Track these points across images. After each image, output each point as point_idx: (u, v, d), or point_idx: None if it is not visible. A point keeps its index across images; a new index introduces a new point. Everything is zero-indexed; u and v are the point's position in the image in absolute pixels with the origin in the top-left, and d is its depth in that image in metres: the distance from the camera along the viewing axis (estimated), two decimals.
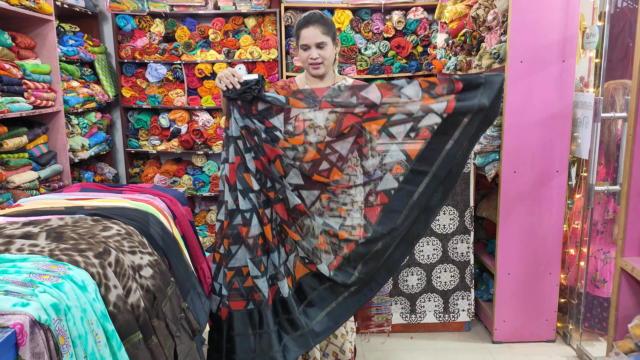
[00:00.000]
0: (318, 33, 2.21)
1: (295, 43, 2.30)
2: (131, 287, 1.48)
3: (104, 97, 4.48)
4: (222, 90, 2.05)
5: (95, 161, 4.64)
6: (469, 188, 2.96)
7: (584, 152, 2.71)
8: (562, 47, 2.67)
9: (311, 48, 2.22)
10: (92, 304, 1.29)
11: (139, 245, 1.64)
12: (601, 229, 2.90)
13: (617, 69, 3.02)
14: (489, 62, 2.93)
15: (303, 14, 2.28)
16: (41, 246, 1.43)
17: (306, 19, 2.23)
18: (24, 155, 3.24)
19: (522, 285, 2.96)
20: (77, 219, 1.69)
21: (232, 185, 2.09)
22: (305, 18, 2.24)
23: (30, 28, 3.46)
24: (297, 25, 2.25)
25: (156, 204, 2.02)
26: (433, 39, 4.49)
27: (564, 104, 2.74)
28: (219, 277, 2.16)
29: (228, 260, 2.11)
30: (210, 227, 4.79)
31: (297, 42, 2.28)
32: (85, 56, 4.21)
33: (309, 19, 2.22)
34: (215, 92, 4.60)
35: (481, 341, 3.07)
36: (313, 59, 2.23)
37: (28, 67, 3.26)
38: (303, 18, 2.24)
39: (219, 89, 2.06)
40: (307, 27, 2.21)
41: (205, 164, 4.80)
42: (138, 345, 1.43)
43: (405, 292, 3.08)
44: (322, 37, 2.22)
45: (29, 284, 1.21)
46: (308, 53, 2.23)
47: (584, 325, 2.94)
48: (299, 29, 2.24)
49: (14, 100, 3.04)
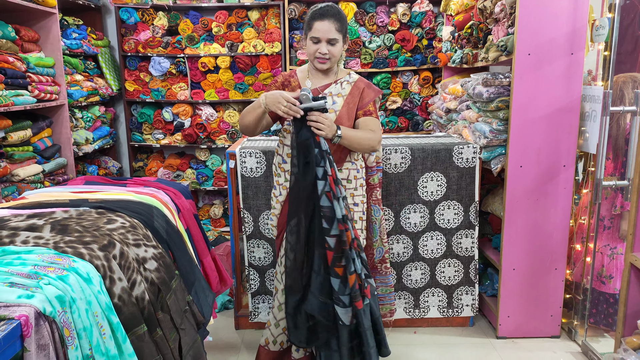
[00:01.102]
0: (332, 29, 2.14)
1: (304, 32, 2.23)
2: (136, 280, 1.47)
3: (108, 91, 4.47)
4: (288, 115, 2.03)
5: (99, 155, 4.64)
6: (474, 182, 2.94)
7: (591, 147, 2.68)
8: (570, 40, 2.64)
9: (322, 42, 2.16)
10: (97, 296, 1.28)
11: (144, 238, 1.63)
12: (608, 224, 2.88)
13: (627, 62, 2.98)
14: (496, 54, 2.90)
15: (319, 4, 2.19)
16: (46, 238, 1.43)
17: (323, 10, 2.14)
18: (28, 148, 3.24)
19: (527, 280, 2.94)
20: (82, 211, 1.68)
21: (335, 194, 2.04)
22: (322, 10, 2.15)
23: (34, 21, 3.45)
24: (312, 15, 2.16)
25: (160, 197, 2.02)
26: (438, 31, 4.45)
27: (571, 98, 2.72)
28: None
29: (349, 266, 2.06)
30: (214, 221, 4.78)
31: (306, 32, 2.21)
32: (88, 49, 4.20)
33: (326, 11, 2.14)
34: (218, 86, 4.59)
35: (485, 336, 3.05)
36: (322, 54, 2.18)
37: (32, 60, 3.25)
38: (320, 9, 2.15)
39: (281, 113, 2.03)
40: (322, 20, 2.13)
41: (209, 158, 4.79)
42: (143, 338, 1.42)
43: (409, 287, 3.07)
44: (335, 33, 2.16)
45: (33, 276, 1.21)
46: (317, 47, 2.17)
47: (590, 321, 2.93)
48: (313, 20, 2.15)
49: (18, 94, 3.04)
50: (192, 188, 4.75)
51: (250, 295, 3.03)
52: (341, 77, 2.32)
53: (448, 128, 3.68)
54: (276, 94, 2.03)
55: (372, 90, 2.32)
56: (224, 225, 4.75)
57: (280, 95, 2.02)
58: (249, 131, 2.26)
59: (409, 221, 2.97)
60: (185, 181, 4.71)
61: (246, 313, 3.12)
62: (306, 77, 2.33)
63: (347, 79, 2.31)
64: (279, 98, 2.02)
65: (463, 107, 3.34)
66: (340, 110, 2.25)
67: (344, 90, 2.29)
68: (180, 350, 1.62)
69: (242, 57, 4.52)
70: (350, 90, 2.29)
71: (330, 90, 2.29)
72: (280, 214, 2.39)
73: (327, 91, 2.29)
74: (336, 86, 2.30)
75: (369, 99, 2.29)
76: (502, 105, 2.80)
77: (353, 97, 2.28)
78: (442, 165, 2.91)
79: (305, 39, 2.23)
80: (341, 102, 2.27)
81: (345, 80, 2.31)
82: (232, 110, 4.67)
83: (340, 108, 2.26)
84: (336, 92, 2.29)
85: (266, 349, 2.47)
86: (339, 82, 2.31)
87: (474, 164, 2.92)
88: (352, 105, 2.28)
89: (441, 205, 2.96)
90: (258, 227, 2.96)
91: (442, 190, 2.94)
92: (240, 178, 2.90)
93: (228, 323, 3.20)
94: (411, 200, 2.95)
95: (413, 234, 2.99)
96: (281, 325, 2.41)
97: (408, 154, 2.89)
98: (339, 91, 2.29)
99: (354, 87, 2.30)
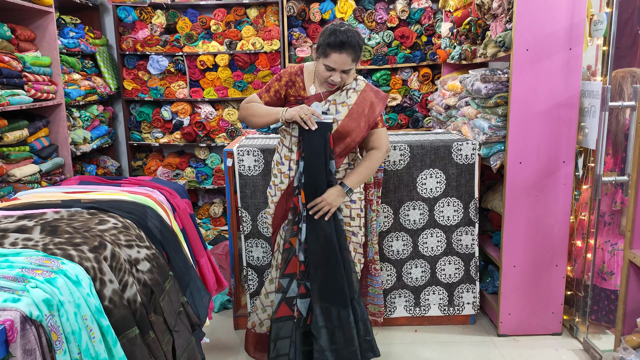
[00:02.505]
0: (348, 61, 2.11)
1: (318, 52, 2.16)
2: (127, 282, 1.45)
3: (106, 90, 4.46)
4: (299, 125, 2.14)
5: (97, 154, 4.63)
6: (473, 179, 2.92)
7: (591, 142, 2.65)
8: (569, 35, 2.61)
9: (336, 71, 2.14)
10: (87, 299, 1.26)
11: (136, 239, 1.61)
12: (608, 220, 2.85)
13: (625, 57, 2.95)
14: (494, 50, 2.87)
15: (338, 28, 2.10)
16: (35, 240, 1.41)
17: (341, 42, 2.06)
18: (24, 148, 3.23)
19: (527, 277, 2.92)
20: (73, 212, 1.66)
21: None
22: (340, 41, 2.06)
23: (30, 20, 3.44)
24: (329, 42, 2.08)
25: (155, 196, 2.00)
26: (437, 28, 4.42)
27: (570, 93, 2.69)
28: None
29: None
30: (214, 220, 4.77)
31: (320, 54, 2.15)
32: (86, 48, 4.19)
33: (344, 43, 2.06)
34: (217, 84, 4.57)
35: (486, 334, 3.03)
36: (334, 82, 2.17)
37: (28, 59, 3.24)
38: (337, 39, 2.07)
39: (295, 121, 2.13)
40: (340, 52, 2.08)
41: (208, 157, 4.78)
42: (135, 341, 1.40)
43: (410, 285, 3.05)
44: (351, 64, 2.13)
45: (20, 279, 1.19)
46: (330, 74, 2.15)
47: (591, 318, 2.90)
48: (331, 49, 2.08)
49: (14, 93, 3.02)
50: (191, 187, 4.73)
51: (248, 296, 3.02)
52: (347, 84, 2.28)
53: (447, 125, 3.65)
54: (302, 105, 2.16)
55: (380, 100, 2.29)
56: (224, 224, 4.74)
57: (305, 106, 2.15)
58: (252, 127, 2.33)
59: (408, 218, 2.95)
60: (185, 180, 4.70)
61: (245, 313, 3.10)
62: (312, 80, 2.29)
63: (353, 86, 2.27)
64: (303, 107, 2.12)
65: (462, 103, 3.31)
66: (342, 120, 2.22)
67: (350, 99, 2.25)
68: (174, 352, 1.61)
69: (241, 55, 4.50)
70: (356, 99, 2.24)
71: (335, 98, 2.26)
72: (274, 214, 2.39)
73: (332, 99, 2.26)
74: (341, 94, 2.26)
75: (378, 111, 2.27)
76: (500, 102, 2.77)
77: (359, 107, 2.24)
78: (441, 162, 2.89)
79: (318, 58, 2.17)
80: (345, 111, 2.23)
81: (352, 87, 2.27)
82: (231, 109, 4.65)
83: (342, 117, 2.23)
84: (341, 101, 2.25)
85: (253, 332, 2.58)
86: (345, 89, 2.27)
87: (473, 160, 2.90)
88: (357, 115, 2.23)
89: (441, 202, 2.94)
90: (256, 226, 2.94)
91: (441, 187, 2.92)
92: (238, 177, 2.88)
93: (227, 323, 3.19)
94: (410, 197, 2.92)
95: (412, 231, 2.97)
96: (267, 312, 2.52)
97: (407, 150, 2.86)
98: (344, 100, 2.25)
99: (360, 96, 2.25)
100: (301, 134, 2.16)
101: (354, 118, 2.23)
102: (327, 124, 2.14)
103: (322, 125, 2.13)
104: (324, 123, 2.14)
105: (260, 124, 2.25)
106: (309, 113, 2.10)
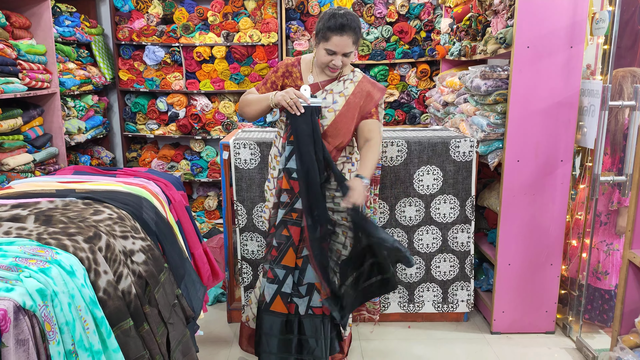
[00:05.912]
0: (349, 43, 2.10)
1: (318, 38, 2.15)
2: (122, 273, 1.43)
3: (101, 80, 4.41)
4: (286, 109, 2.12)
5: (92, 145, 4.59)
6: (470, 177, 2.91)
7: (589, 142, 2.65)
8: (570, 33, 2.60)
9: (337, 55, 2.13)
10: (81, 290, 1.24)
11: (131, 230, 1.59)
12: (605, 220, 2.85)
13: (626, 57, 2.94)
14: (495, 47, 2.86)
15: (337, 12, 2.10)
16: (29, 229, 1.39)
17: (341, 24, 2.06)
18: (18, 137, 3.19)
19: (522, 276, 2.92)
20: (68, 202, 1.64)
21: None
22: (340, 23, 2.06)
23: (25, 7, 3.39)
24: (330, 26, 2.07)
25: (150, 188, 1.97)
26: (437, 23, 4.40)
27: (570, 92, 2.68)
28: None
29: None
30: (208, 212, 4.74)
31: (320, 39, 2.13)
32: (81, 37, 4.14)
33: (344, 25, 2.06)
34: (214, 76, 4.53)
35: (479, 332, 3.03)
36: (336, 66, 2.16)
37: (23, 47, 3.19)
38: (337, 21, 2.06)
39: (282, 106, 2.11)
40: (341, 35, 2.07)
41: (204, 149, 4.74)
42: (129, 332, 1.39)
43: (404, 281, 3.04)
44: (352, 47, 2.12)
45: (14, 268, 1.17)
46: (331, 58, 2.14)
47: (584, 317, 2.91)
48: (331, 32, 2.07)
49: (8, 81, 2.98)
50: (186, 179, 4.70)
51: (242, 289, 3.00)
52: (344, 75, 2.27)
53: (445, 121, 3.64)
54: (288, 89, 2.12)
55: (377, 91, 2.27)
56: (219, 217, 4.71)
57: (292, 89, 2.11)
58: (248, 119, 2.30)
59: (404, 215, 2.94)
60: (180, 172, 4.66)
61: (239, 306, 3.09)
62: (309, 70, 2.28)
63: (350, 77, 2.26)
64: (289, 91, 2.09)
65: (461, 100, 3.30)
66: (340, 110, 2.21)
67: (347, 89, 2.24)
68: (168, 345, 1.59)
69: (238, 47, 4.46)
70: (353, 90, 2.23)
71: (332, 87, 2.25)
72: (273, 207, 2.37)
73: (329, 88, 2.25)
74: (339, 84, 2.25)
75: (375, 102, 2.25)
76: (500, 99, 2.76)
77: (356, 98, 2.22)
78: (438, 159, 2.88)
79: (318, 44, 2.16)
80: (342, 101, 2.22)
81: (349, 78, 2.26)
82: (227, 101, 4.62)
83: (340, 108, 2.21)
84: (338, 91, 2.24)
85: (247, 325, 2.57)
86: (342, 80, 2.26)
87: (470, 157, 2.89)
88: (354, 106, 2.22)
89: (437, 199, 2.93)
90: (252, 220, 2.92)
91: (438, 184, 2.91)
92: (234, 170, 2.86)
93: (221, 316, 3.17)
94: (407, 193, 2.91)
95: (408, 227, 2.96)
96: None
97: (404, 147, 2.85)
98: (341, 90, 2.24)
99: (357, 87, 2.24)
100: (289, 117, 2.14)
101: (352, 108, 2.21)
102: (315, 107, 2.11)
103: (308, 109, 2.10)
104: (312, 107, 2.10)
105: (254, 112, 2.23)
106: (294, 97, 2.07)
